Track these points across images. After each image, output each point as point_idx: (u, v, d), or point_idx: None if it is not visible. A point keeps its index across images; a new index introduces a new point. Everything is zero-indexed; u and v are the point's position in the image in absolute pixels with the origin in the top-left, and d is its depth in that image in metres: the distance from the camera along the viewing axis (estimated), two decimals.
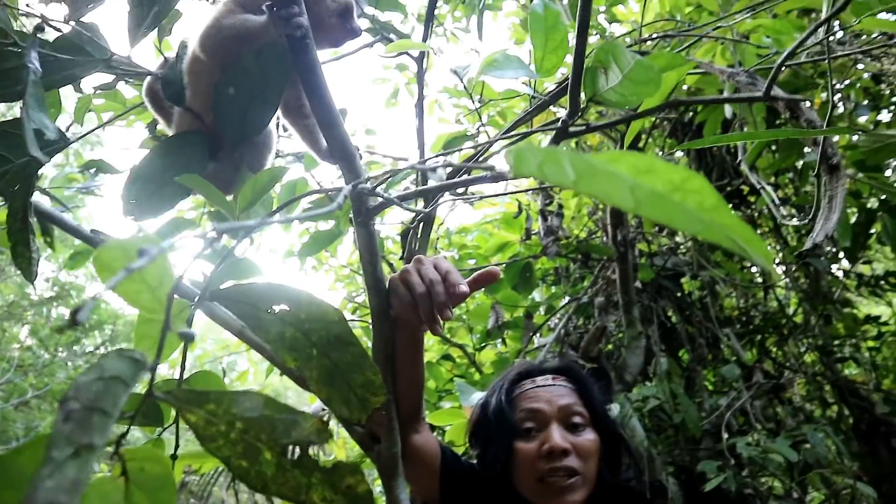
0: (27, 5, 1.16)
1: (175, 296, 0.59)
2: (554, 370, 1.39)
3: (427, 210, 1.13)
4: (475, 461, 1.41)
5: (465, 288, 0.96)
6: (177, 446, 0.70)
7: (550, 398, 1.31)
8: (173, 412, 0.89)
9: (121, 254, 0.46)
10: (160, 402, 0.47)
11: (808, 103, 1.44)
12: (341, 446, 3.77)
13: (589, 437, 1.27)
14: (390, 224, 3.78)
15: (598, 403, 1.33)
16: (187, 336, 0.59)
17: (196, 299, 0.82)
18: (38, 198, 1.32)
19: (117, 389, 0.38)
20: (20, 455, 0.41)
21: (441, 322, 0.98)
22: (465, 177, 1.08)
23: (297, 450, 0.55)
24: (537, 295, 3.84)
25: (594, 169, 0.35)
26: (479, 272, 1.02)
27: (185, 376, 0.78)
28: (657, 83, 0.79)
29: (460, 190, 1.68)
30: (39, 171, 1.18)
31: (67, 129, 1.42)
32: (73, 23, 1.10)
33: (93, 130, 1.69)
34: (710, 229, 0.33)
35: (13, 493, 0.41)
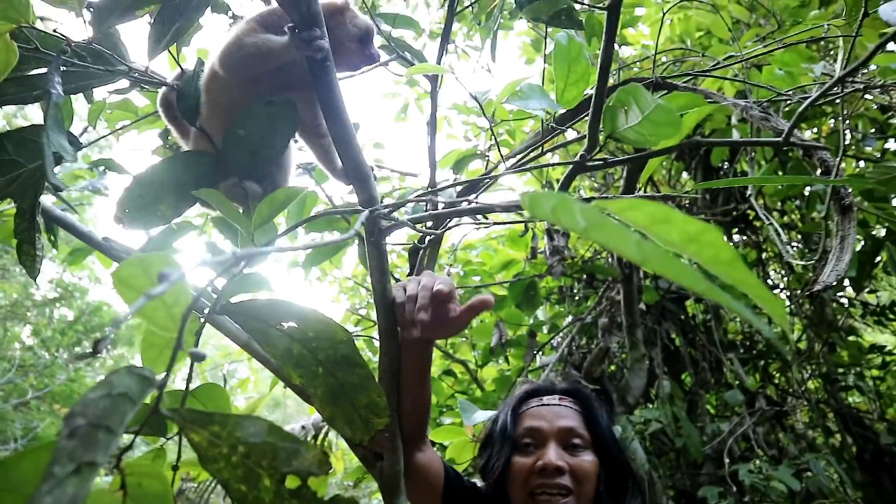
0: (45, 19, 1.18)
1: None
2: (562, 391, 1.41)
3: (438, 233, 1.14)
4: (476, 481, 1.42)
5: (442, 287, 1.00)
6: (178, 457, 0.70)
7: (553, 418, 1.32)
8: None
9: (140, 272, 0.47)
10: (165, 417, 0.48)
11: (826, 149, 1.44)
12: (340, 458, 3.75)
13: (587, 458, 1.27)
14: (395, 238, 3.80)
15: (603, 428, 1.33)
16: (198, 356, 0.60)
17: (206, 312, 0.82)
18: (44, 198, 1.33)
19: (124, 407, 0.39)
20: (23, 460, 0.42)
21: (417, 326, 1.01)
22: (476, 200, 1.09)
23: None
24: (541, 314, 3.83)
25: (604, 223, 0.35)
26: (474, 299, 1.04)
27: (188, 383, 0.79)
28: (677, 126, 0.80)
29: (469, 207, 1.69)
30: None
31: (81, 135, 1.44)
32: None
33: (105, 137, 1.71)
34: (714, 292, 0.33)
35: (14, 497, 0.41)
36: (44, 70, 1.14)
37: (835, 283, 1.07)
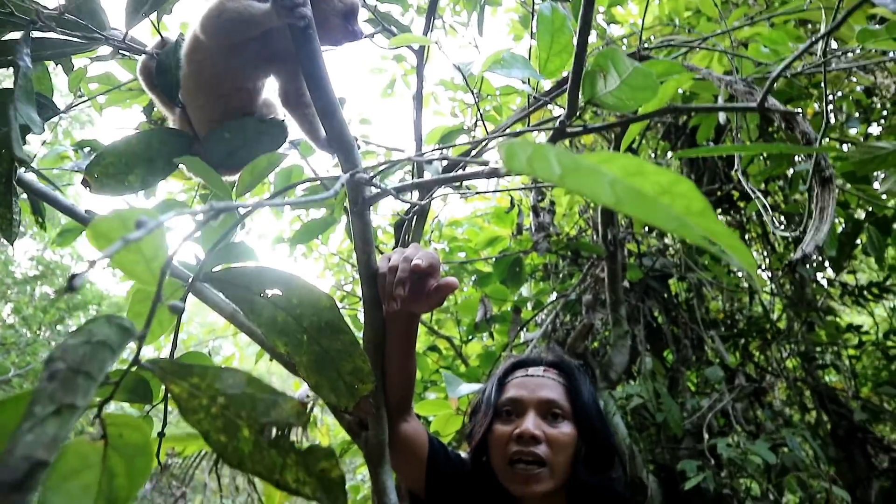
0: None
1: (168, 275, 0.60)
2: (548, 363, 1.43)
3: (423, 203, 1.15)
4: (461, 452, 1.44)
5: (419, 262, 1.01)
6: (164, 423, 0.70)
7: (535, 388, 1.34)
8: (163, 391, 0.90)
9: (118, 224, 0.47)
10: (146, 371, 0.48)
11: (800, 113, 1.46)
12: (325, 433, 3.78)
13: (565, 430, 1.29)
14: (382, 214, 3.78)
15: (585, 400, 1.35)
16: (177, 308, 0.60)
17: (189, 280, 0.82)
18: (30, 176, 1.32)
19: (104, 354, 0.39)
20: (3, 409, 0.42)
21: (396, 299, 1.03)
22: (461, 171, 1.09)
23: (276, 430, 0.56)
24: (525, 290, 3.86)
25: (578, 166, 0.36)
26: (444, 280, 1.07)
27: (175, 337, 0.80)
28: (654, 90, 0.81)
29: (455, 183, 1.69)
30: (29, 149, 1.18)
31: (66, 110, 1.42)
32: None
33: (85, 101, 1.68)
34: (687, 229, 0.34)
35: None
36: (18, 35, 1.12)
37: (814, 253, 1.09)
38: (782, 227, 3.27)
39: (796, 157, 2.61)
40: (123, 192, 1.15)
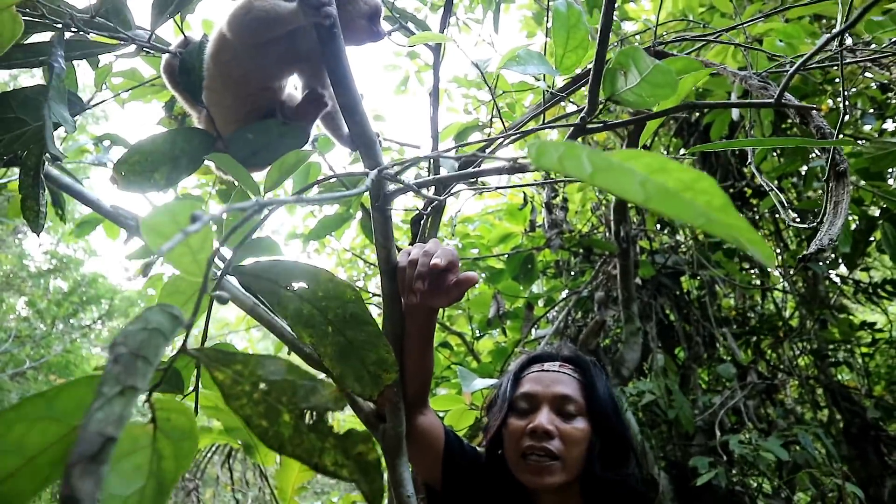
0: None
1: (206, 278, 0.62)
2: (564, 358, 1.43)
3: (441, 198, 1.16)
4: (476, 445, 1.46)
5: (438, 261, 1.04)
6: (196, 411, 0.73)
7: (549, 383, 1.35)
8: (193, 381, 0.93)
9: (168, 219, 0.49)
10: (184, 359, 0.50)
11: (816, 109, 1.46)
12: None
13: (578, 426, 1.30)
14: (395, 210, 3.80)
15: (601, 395, 1.35)
16: (222, 298, 0.63)
17: (219, 274, 0.85)
18: (54, 171, 1.36)
19: (158, 340, 0.42)
20: (64, 392, 0.45)
21: (416, 293, 1.06)
22: (480, 166, 1.10)
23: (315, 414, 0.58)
24: (537, 288, 3.87)
25: (610, 164, 0.37)
26: (464, 274, 1.09)
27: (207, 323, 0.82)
28: (674, 87, 0.82)
29: (471, 180, 1.70)
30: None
31: (89, 102, 1.45)
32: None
33: (111, 99, 1.72)
34: (715, 225, 0.36)
35: (58, 425, 0.44)
36: (48, 35, 1.16)
37: (828, 247, 1.09)
38: (798, 220, 3.26)
39: (810, 154, 2.60)
40: (149, 189, 1.18)
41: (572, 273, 3.94)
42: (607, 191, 0.44)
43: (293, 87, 1.27)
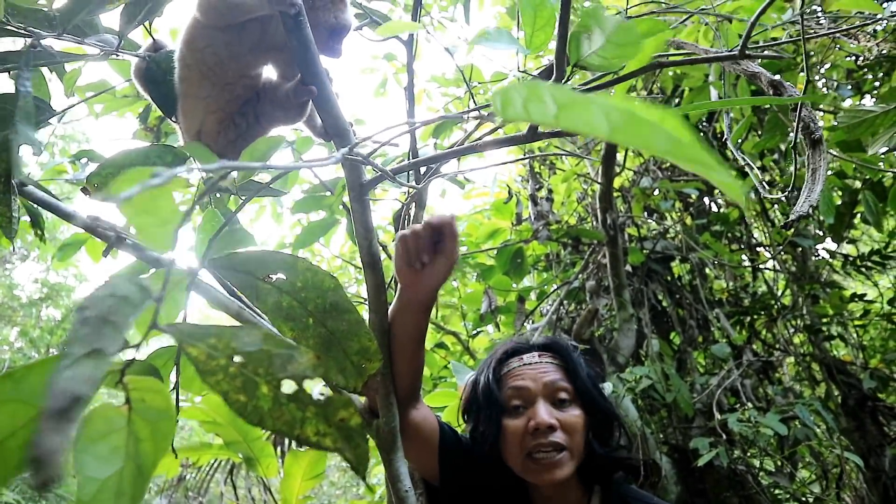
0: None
1: (175, 264, 0.61)
2: (540, 347, 1.41)
3: (420, 187, 1.16)
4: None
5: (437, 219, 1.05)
6: (178, 402, 0.72)
7: (536, 375, 1.33)
8: (172, 379, 0.92)
9: (137, 178, 0.48)
10: (163, 333, 0.49)
11: (780, 77, 1.48)
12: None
13: (574, 412, 1.29)
14: (381, 213, 3.80)
15: (584, 378, 1.34)
16: (192, 272, 0.62)
17: (195, 267, 0.84)
18: (29, 188, 1.35)
19: (127, 309, 0.41)
20: (32, 372, 0.44)
21: (419, 257, 1.07)
22: (458, 147, 1.10)
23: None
24: (528, 282, 3.87)
25: (574, 100, 0.37)
26: (436, 217, 1.09)
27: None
28: (638, 45, 0.82)
29: (451, 171, 1.71)
30: (26, 168, 1.21)
31: (63, 114, 1.44)
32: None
33: (80, 102, 1.71)
34: (683, 153, 0.35)
35: (26, 407, 0.43)
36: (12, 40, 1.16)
37: (809, 212, 1.10)
38: (778, 193, 3.27)
39: (788, 129, 2.62)
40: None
41: (562, 265, 3.95)
42: (573, 131, 0.43)
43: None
